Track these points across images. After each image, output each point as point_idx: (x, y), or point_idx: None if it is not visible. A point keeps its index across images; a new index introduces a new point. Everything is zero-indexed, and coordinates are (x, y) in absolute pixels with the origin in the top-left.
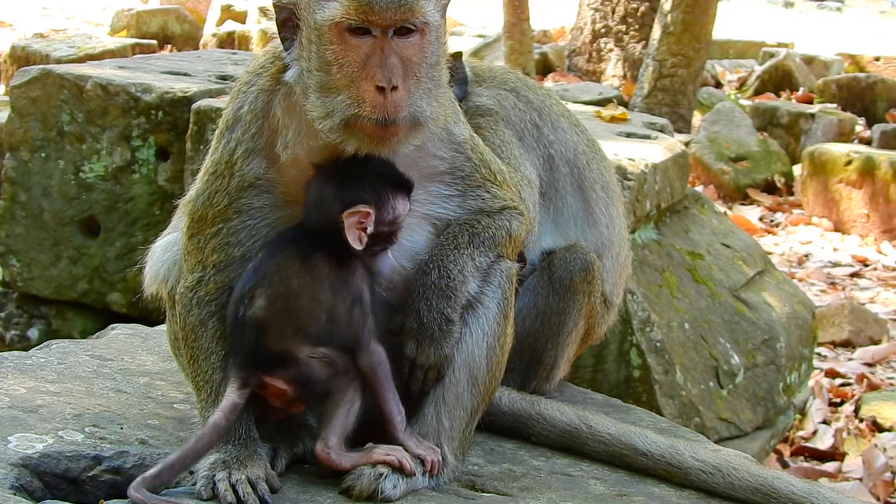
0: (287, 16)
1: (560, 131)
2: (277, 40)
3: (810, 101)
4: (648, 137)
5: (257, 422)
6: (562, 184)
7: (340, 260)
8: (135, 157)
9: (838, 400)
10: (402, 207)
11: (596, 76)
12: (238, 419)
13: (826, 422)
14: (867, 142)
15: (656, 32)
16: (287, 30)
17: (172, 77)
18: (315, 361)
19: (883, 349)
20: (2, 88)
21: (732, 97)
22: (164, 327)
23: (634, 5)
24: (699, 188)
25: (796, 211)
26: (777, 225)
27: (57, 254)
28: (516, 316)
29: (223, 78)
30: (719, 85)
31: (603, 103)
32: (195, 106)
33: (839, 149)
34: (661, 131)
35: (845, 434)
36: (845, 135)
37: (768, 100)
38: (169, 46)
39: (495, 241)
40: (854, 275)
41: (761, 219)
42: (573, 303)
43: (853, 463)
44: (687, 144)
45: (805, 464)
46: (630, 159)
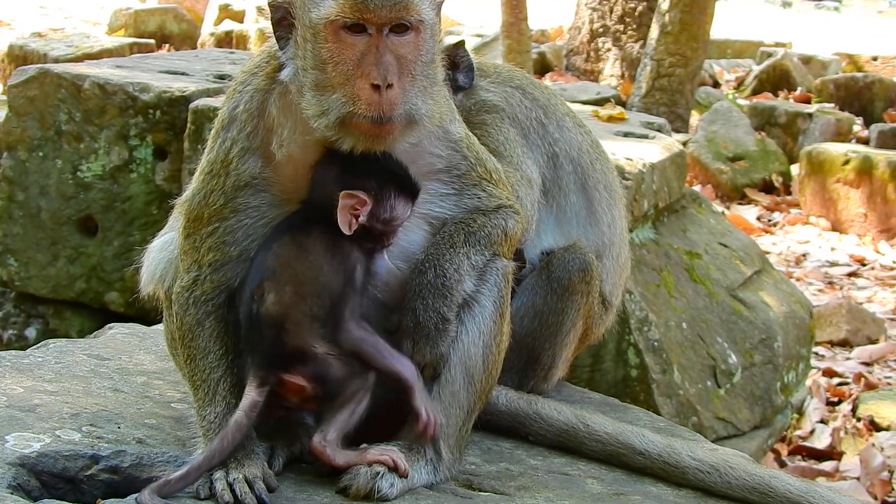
0: (282, 15)
1: (565, 130)
2: (273, 39)
3: (808, 101)
4: (646, 137)
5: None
6: (565, 182)
7: (336, 238)
8: (132, 157)
9: (836, 399)
10: (402, 210)
11: (594, 76)
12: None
13: (823, 421)
14: (865, 141)
15: (654, 32)
16: (282, 29)
17: (170, 76)
18: (332, 359)
19: (880, 348)
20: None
21: (730, 97)
22: (162, 327)
23: (632, 5)
24: (697, 188)
25: (794, 210)
26: (775, 224)
27: (54, 253)
28: (514, 315)
29: (221, 77)
30: (717, 84)
31: (601, 103)
32: (193, 105)
33: (837, 148)
34: (659, 131)
35: (843, 433)
36: (843, 134)
37: (766, 99)
38: (167, 46)
39: (491, 240)
40: (851, 274)
41: (759, 218)
42: (571, 303)
43: (850, 462)
44: (685, 144)
45: (802, 463)
46: (628, 159)
